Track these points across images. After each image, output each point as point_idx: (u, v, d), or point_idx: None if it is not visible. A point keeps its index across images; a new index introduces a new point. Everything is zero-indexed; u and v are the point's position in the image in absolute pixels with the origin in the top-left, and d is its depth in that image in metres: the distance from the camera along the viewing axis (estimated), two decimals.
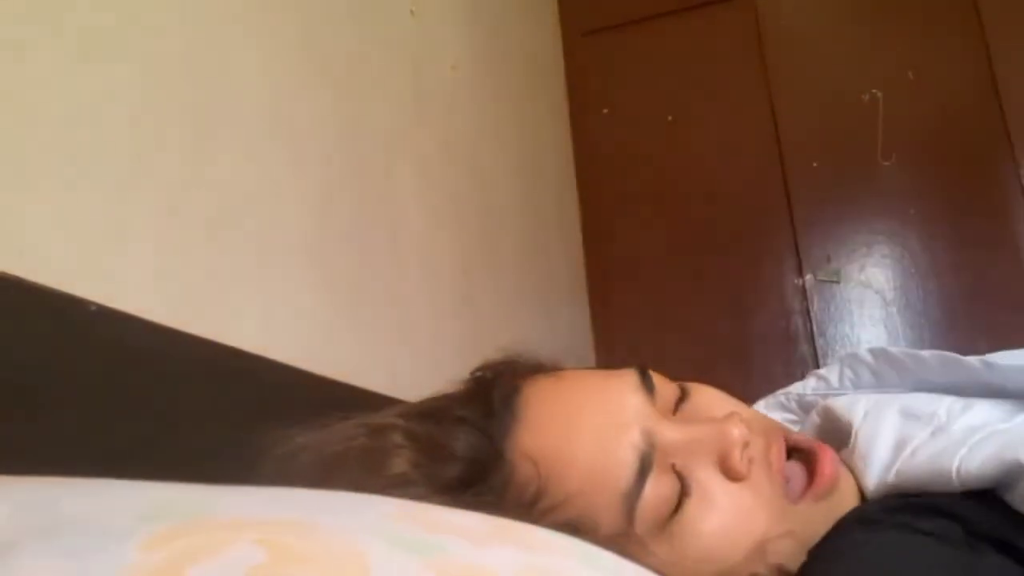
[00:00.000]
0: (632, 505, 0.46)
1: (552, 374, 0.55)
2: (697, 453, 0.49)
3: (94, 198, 0.58)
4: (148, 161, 0.63)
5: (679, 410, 0.53)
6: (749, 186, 1.85)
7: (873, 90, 1.79)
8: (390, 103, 1.08)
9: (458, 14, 1.37)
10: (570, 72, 2.02)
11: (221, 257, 0.70)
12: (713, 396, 0.55)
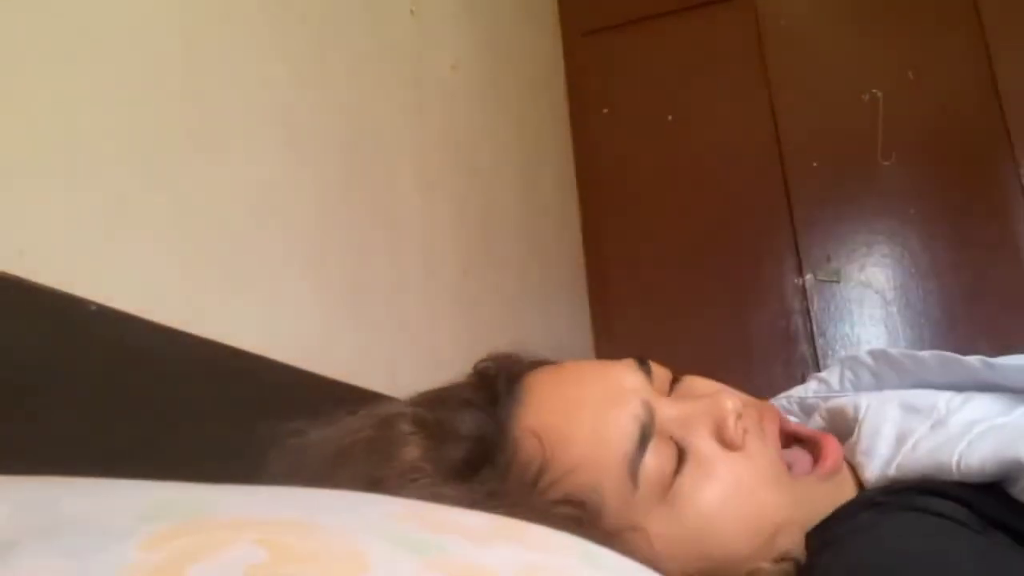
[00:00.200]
0: (635, 471, 0.47)
1: (553, 364, 0.56)
2: (694, 425, 0.50)
3: (94, 198, 0.58)
4: (148, 161, 0.63)
5: (673, 391, 0.55)
6: (749, 186, 1.85)
7: (873, 90, 1.79)
8: (390, 103, 1.08)
9: (458, 14, 1.37)
10: (570, 72, 2.02)
11: (221, 257, 0.70)
12: (703, 380, 0.56)
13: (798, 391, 0.69)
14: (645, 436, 0.48)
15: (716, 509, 0.48)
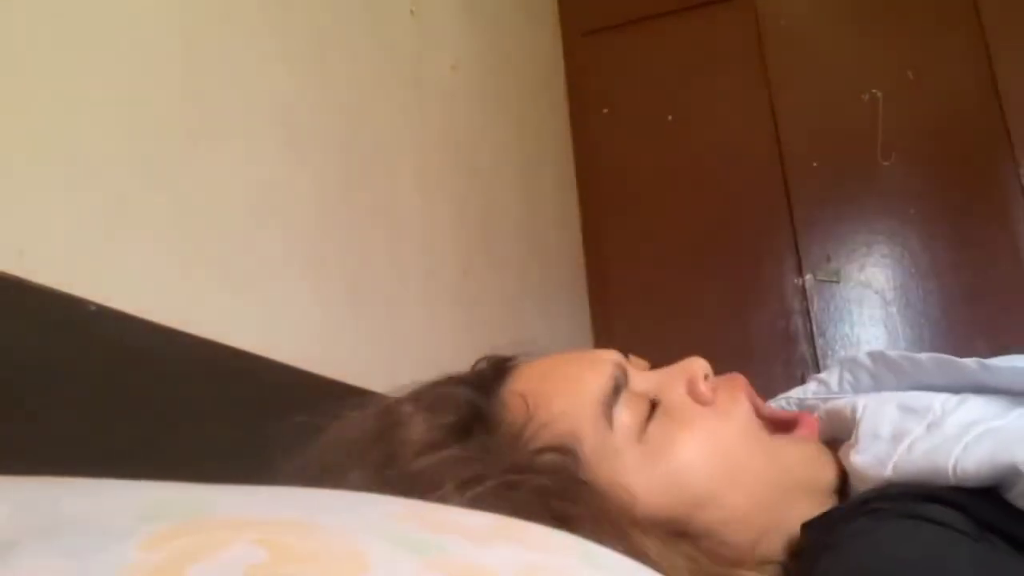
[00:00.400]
0: (609, 414, 0.51)
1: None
2: (667, 387, 0.55)
3: (94, 198, 0.58)
4: (148, 161, 0.63)
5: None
6: (749, 186, 1.85)
7: (873, 90, 1.79)
8: (390, 103, 1.08)
9: (458, 14, 1.37)
10: (570, 72, 2.02)
11: (221, 257, 0.70)
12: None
13: (797, 392, 0.70)
14: (618, 387, 0.52)
15: (690, 452, 0.51)
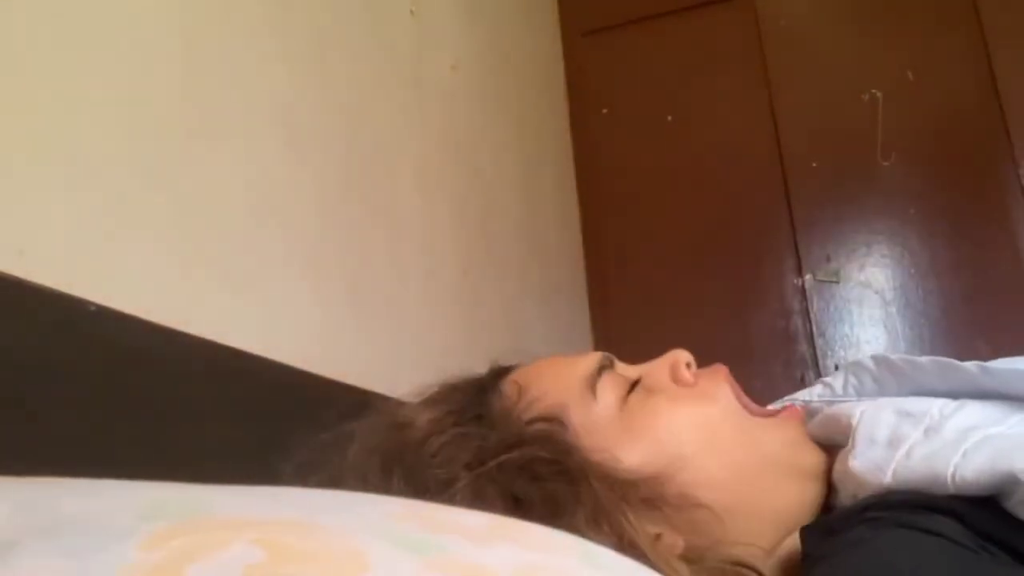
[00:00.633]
0: (593, 386, 0.56)
1: None
2: (650, 372, 0.59)
3: (94, 198, 0.58)
4: (148, 161, 0.63)
5: None
6: (749, 186, 1.85)
7: (873, 90, 1.79)
8: (390, 103, 1.08)
9: (458, 14, 1.37)
10: (570, 72, 2.02)
11: (221, 257, 0.70)
12: None
13: (802, 395, 0.70)
14: (603, 368, 0.57)
15: (667, 418, 0.55)
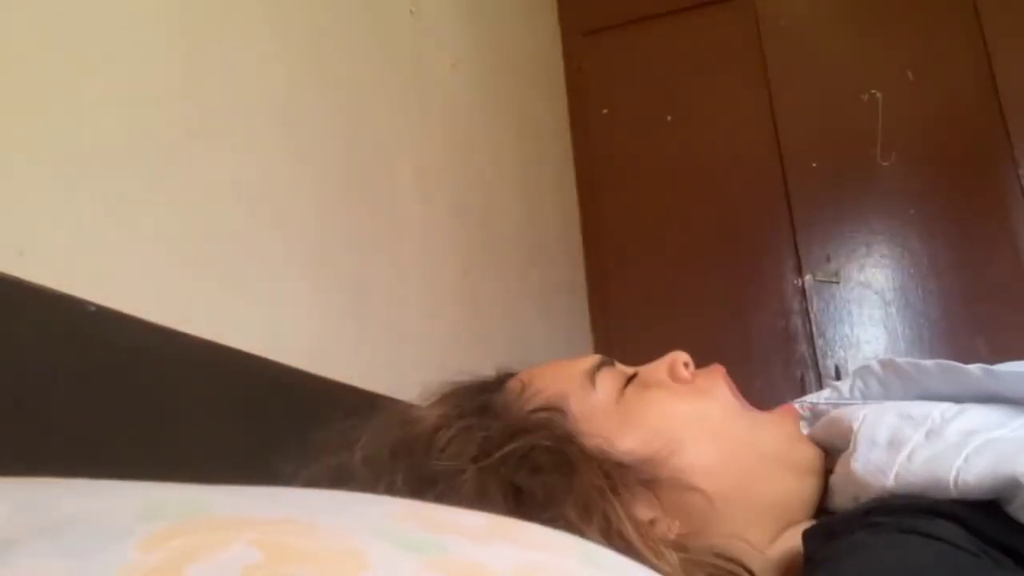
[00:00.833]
0: (592, 377, 0.58)
1: None
2: (648, 370, 0.61)
3: (94, 198, 0.58)
4: (148, 161, 0.63)
5: None
6: (749, 186, 1.85)
7: (873, 90, 1.79)
8: (390, 103, 1.08)
9: (458, 14, 1.37)
10: (570, 72, 2.02)
11: (221, 257, 0.70)
12: None
13: (811, 398, 0.70)
14: (604, 363, 0.60)
15: (662, 406, 0.57)
